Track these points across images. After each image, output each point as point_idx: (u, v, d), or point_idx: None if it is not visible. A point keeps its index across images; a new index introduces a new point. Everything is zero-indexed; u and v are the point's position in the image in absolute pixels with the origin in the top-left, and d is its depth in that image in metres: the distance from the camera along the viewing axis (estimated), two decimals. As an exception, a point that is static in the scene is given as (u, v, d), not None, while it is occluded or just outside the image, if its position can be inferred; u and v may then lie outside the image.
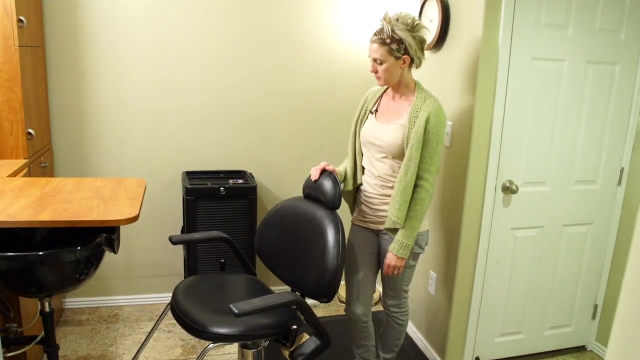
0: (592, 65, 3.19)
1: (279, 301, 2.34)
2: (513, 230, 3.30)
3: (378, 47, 2.67)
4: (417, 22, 2.66)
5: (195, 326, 2.44)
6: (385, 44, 2.64)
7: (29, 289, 2.31)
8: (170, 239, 2.88)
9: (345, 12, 3.99)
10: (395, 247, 2.73)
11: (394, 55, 2.66)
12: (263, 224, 2.98)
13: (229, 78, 3.88)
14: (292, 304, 2.40)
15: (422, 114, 2.66)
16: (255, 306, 2.24)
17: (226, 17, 3.78)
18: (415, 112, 2.69)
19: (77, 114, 3.67)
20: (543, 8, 3.00)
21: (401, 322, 3.04)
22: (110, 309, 3.98)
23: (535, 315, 3.53)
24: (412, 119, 2.68)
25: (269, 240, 2.92)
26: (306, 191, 2.88)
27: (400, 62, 2.69)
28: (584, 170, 3.35)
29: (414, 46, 2.66)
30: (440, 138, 2.68)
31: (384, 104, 2.89)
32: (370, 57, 2.73)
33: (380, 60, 2.68)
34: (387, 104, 2.86)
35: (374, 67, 2.73)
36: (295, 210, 2.85)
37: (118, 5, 3.57)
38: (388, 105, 2.86)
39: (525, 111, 3.12)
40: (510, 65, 3.02)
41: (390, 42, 2.63)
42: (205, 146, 3.94)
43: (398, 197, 2.69)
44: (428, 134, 2.64)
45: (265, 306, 2.27)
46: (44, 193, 2.48)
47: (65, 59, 3.58)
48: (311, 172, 2.85)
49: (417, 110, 2.69)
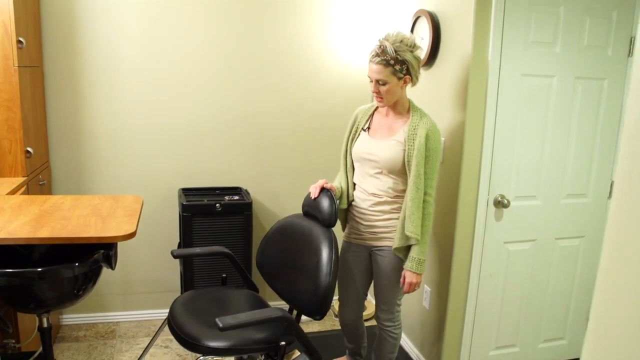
0: (581, 81, 3.25)
1: (265, 317, 2.36)
2: (506, 244, 3.34)
3: (382, 69, 2.68)
4: (416, 42, 2.74)
5: (187, 339, 2.47)
6: (389, 65, 2.67)
7: (27, 304, 2.33)
8: (172, 252, 2.92)
9: (339, 30, 4.05)
10: (414, 265, 2.78)
11: (396, 76, 2.71)
12: (264, 240, 3.03)
13: (225, 96, 3.94)
14: (279, 320, 2.41)
15: (420, 131, 2.72)
16: (240, 321, 2.27)
17: (221, 36, 3.84)
18: (413, 130, 2.75)
19: (74, 133, 3.71)
20: (531, 26, 3.06)
21: (395, 335, 3.08)
22: (107, 325, 4.00)
23: (529, 328, 3.56)
24: (410, 137, 2.74)
25: (269, 257, 2.96)
26: (305, 209, 2.93)
27: (402, 82, 2.74)
28: (575, 184, 3.40)
29: (415, 66, 2.73)
30: (439, 155, 2.77)
31: (376, 121, 2.94)
32: (372, 78, 2.73)
33: (384, 81, 2.70)
34: (380, 121, 2.92)
35: (376, 88, 2.74)
36: (293, 227, 2.89)
37: (115, 25, 3.63)
38: (381, 122, 2.91)
39: (516, 126, 3.18)
40: (500, 82, 3.08)
41: (394, 63, 2.67)
42: (201, 163, 3.99)
43: (414, 214, 2.73)
44: (429, 150, 2.72)
45: (251, 321, 2.30)
46: (42, 210, 2.52)
47: (64, 78, 3.63)
48: (310, 190, 2.90)
49: (415, 128, 2.75)
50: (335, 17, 4.02)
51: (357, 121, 2.99)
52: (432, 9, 3.35)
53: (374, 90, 2.75)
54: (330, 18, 4.01)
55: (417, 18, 3.48)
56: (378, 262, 2.95)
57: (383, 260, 2.91)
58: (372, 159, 2.84)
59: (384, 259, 2.91)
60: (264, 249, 3.01)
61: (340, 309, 3.19)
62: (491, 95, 3.07)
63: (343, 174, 3.06)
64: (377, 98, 2.80)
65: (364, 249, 3.02)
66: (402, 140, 2.78)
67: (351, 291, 3.12)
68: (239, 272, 3.05)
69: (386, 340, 3.09)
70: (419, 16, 3.45)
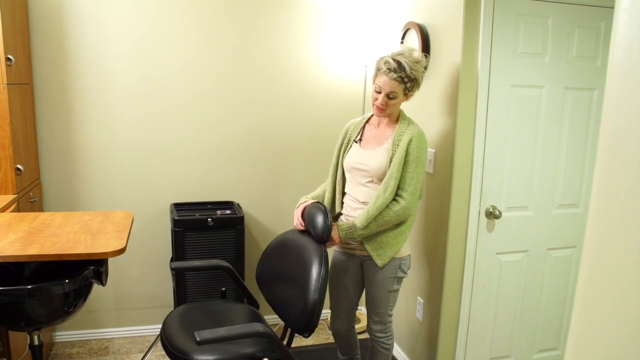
0: (571, 91, 3.26)
1: (244, 332, 2.34)
2: (498, 255, 3.34)
3: (397, 85, 2.72)
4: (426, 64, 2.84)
5: (176, 352, 2.47)
6: (404, 82, 2.72)
7: (18, 322, 2.32)
8: (170, 265, 2.92)
9: (330, 42, 4.06)
10: (344, 228, 2.83)
11: (404, 92, 2.78)
12: (263, 256, 3.03)
13: (216, 111, 3.94)
14: (258, 335, 2.39)
15: (405, 137, 2.77)
16: (219, 335, 2.26)
17: (212, 51, 3.85)
18: (399, 136, 2.80)
19: (65, 149, 3.71)
20: (520, 36, 3.08)
21: (387, 346, 3.08)
22: (100, 342, 3.98)
23: (523, 338, 3.56)
24: (395, 142, 2.79)
25: (267, 272, 2.96)
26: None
27: (406, 97, 2.83)
28: (566, 194, 3.41)
29: (420, 86, 2.83)
30: (421, 161, 2.77)
31: (367, 132, 2.98)
32: (385, 91, 2.75)
33: (394, 95, 2.75)
34: (371, 133, 2.96)
35: (384, 101, 2.77)
36: (289, 243, 2.89)
37: (105, 41, 3.64)
38: (372, 134, 2.95)
39: (506, 137, 3.19)
40: (490, 93, 3.09)
41: (408, 81, 2.73)
42: (193, 178, 3.99)
43: (371, 207, 2.77)
44: (409, 155, 2.75)
45: (229, 336, 2.28)
46: (32, 228, 2.51)
47: (54, 95, 3.63)
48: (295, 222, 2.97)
49: (400, 134, 2.80)
50: (326, 30, 4.03)
51: (349, 134, 3.02)
52: (421, 21, 3.37)
53: (381, 102, 2.77)
54: (321, 30, 4.03)
55: (406, 30, 3.50)
56: (369, 271, 2.95)
57: (375, 268, 2.91)
58: (363, 168, 2.87)
59: (376, 267, 2.91)
60: (263, 263, 3.01)
61: (332, 319, 3.20)
62: (481, 106, 3.08)
63: (330, 185, 3.09)
64: (378, 109, 2.81)
65: (355, 259, 3.03)
66: (389, 148, 2.82)
67: (342, 301, 3.12)
68: (238, 286, 3.05)
69: (379, 352, 3.08)
70: (409, 28, 3.47)
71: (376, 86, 2.78)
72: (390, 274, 2.91)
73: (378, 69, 2.78)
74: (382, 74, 2.73)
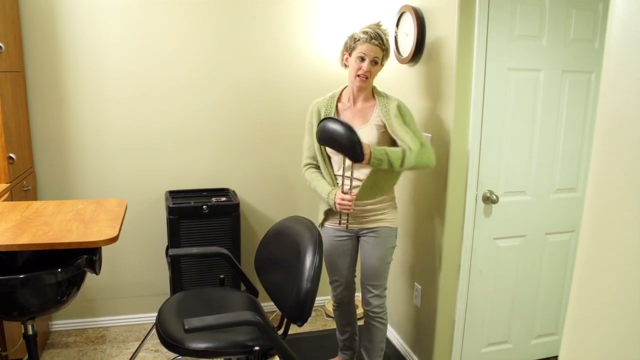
0: (568, 74, 3.23)
1: (233, 320, 2.32)
2: (495, 240, 3.32)
3: (379, 50, 2.86)
4: None
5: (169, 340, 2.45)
6: (382, 49, 2.88)
7: (11, 312, 2.30)
8: (167, 252, 2.89)
9: (324, 26, 4.02)
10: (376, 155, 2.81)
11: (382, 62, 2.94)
12: (261, 243, 3.00)
13: (210, 97, 3.91)
14: (248, 323, 2.36)
15: (391, 106, 2.92)
16: (207, 323, 2.24)
17: (204, 38, 3.81)
18: (385, 108, 2.94)
19: (59, 137, 3.68)
20: (516, 19, 3.04)
21: (384, 321, 3.17)
22: (97, 330, 3.97)
23: (521, 324, 3.55)
24: (385, 114, 2.92)
25: (264, 260, 2.94)
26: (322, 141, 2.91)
27: (381, 66, 2.97)
28: (564, 179, 3.38)
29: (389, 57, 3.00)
30: (414, 118, 2.99)
31: (345, 112, 3.04)
32: (370, 57, 2.86)
33: (377, 60, 2.89)
34: (351, 111, 3.03)
35: (368, 68, 2.87)
36: (285, 231, 2.85)
37: (97, 28, 3.60)
38: (353, 112, 3.02)
39: (504, 121, 3.16)
40: (487, 77, 3.06)
41: (384, 49, 2.90)
42: (187, 165, 3.96)
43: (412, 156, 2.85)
44: (404, 116, 2.92)
45: (218, 324, 2.26)
46: (24, 217, 2.49)
47: (46, 83, 3.59)
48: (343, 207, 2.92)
49: (385, 106, 2.94)
50: (319, 14, 3.99)
51: (322, 115, 3.03)
52: (416, 5, 3.33)
53: (366, 69, 2.86)
54: (314, 14, 3.99)
55: (401, 14, 3.46)
56: (370, 243, 3.06)
57: (376, 240, 3.04)
58: None
59: (377, 239, 3.03)
60: (260, 251, 2.98)
61: (333, 290, 3.26)
62: (477, 90, 3.05)
63: (325, 169, 3.06)
64: (360, 79, 2.90)
65: (351, 234, 3.12)
66: (380, 123, 2.94)
67: (342, 269, 3.19)
68: (237, 273, 3.01)
69: (377, 329, 3.15)
70: (404, 12, 3.42)
71: (358, 55, 2.87)
72: (390, 244, 3.07)
73: (355, 39, 2.89)
74: (363, 43, 2.85)
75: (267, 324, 2.43)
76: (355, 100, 3.00)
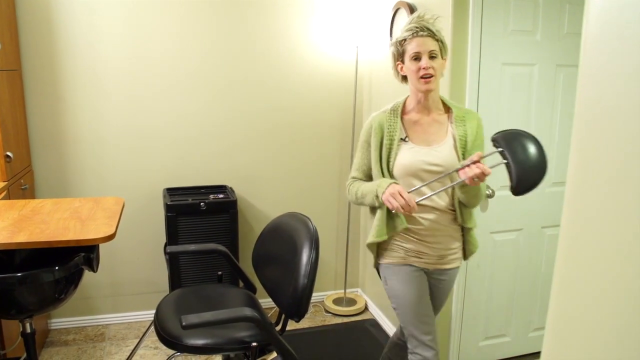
0: (562, 69, 3.24)
1: (231, 316, 2.32)
2: (492, 234, 3.33)
3: (432, 42, 2.33)
4: None
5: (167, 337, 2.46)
6: (436, 39, 2.34)
7: (8, 310, 2.31)
8: (165, 249, 2.89)
9: (321, 24, 4.03)
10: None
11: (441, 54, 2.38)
12: (259, 240, 3.00)
13: (208, 95, 3.92)
14: (245, 320, 2.36)
15: (470, 121, 2.46)
16: (204, 320, 2.24)
17: (203, 35, 3.82)
18: (461, 122, 2.46)
19: (57, 135, 3.69)
20: (510, 14, 3.05)
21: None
22: (96, 328, 3.98)
23: (519, 317, 3.56)
24: (459, 128, 2.45)
25: (261, 256, 2.94)
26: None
27: (444, 61, 2.40)
28: (560, 172, 3.39)
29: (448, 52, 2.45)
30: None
31: (412, 128, 2.50)
32: (424, 51, 2.32)
33: (435, 54, 2.34)
34: (421, 126, 2.49)
35: (428, 63, 2.32)
36: (281, 227, 2.85)
37: (94, 26, 3.60)
38: (423, 128, 2.49)
39: (499, 116, 3.17)
40: (481, 72, 3.07)
41: (438, 40, 2.36)
42: (185, 162, 3.97)
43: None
44: (481, 138, 2.49)
45: (215, 320, 2.27)
46: (21, 215, 2.50)
47: (43, 81, 3.60)
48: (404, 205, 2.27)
49: (462, 119, 2.46)
50: (316, 11, 4.00)
51: (386, 131, 2.49)
52: (411, 1, 3.34)
53: (426, 63, 2.32)
54: (311, 12, 3.99)
55: (397, 10, 3.47)
56: (439, 287, 2.64)
57: (447, 283, 2.64)
58: (437, 170, 2.42)
59: (448, 282, 2.64)
60: (258, 247, 2.99)
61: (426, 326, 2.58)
62: (472, 85, 3.06)
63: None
64: (424, 81, 2.36)
65: (422, 273, 2.57)
66: (454, 139, 2.45)
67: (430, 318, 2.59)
68: (235, 270, 3.02)
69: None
70: (399, 8, 3.44)
71: (412, 56, 2.35)
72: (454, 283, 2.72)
73: (401, 42, 2.40)
74: (410, 40, 2.35)
75: (265, 320, 2.44)
76: (428, 110, 2.48)
